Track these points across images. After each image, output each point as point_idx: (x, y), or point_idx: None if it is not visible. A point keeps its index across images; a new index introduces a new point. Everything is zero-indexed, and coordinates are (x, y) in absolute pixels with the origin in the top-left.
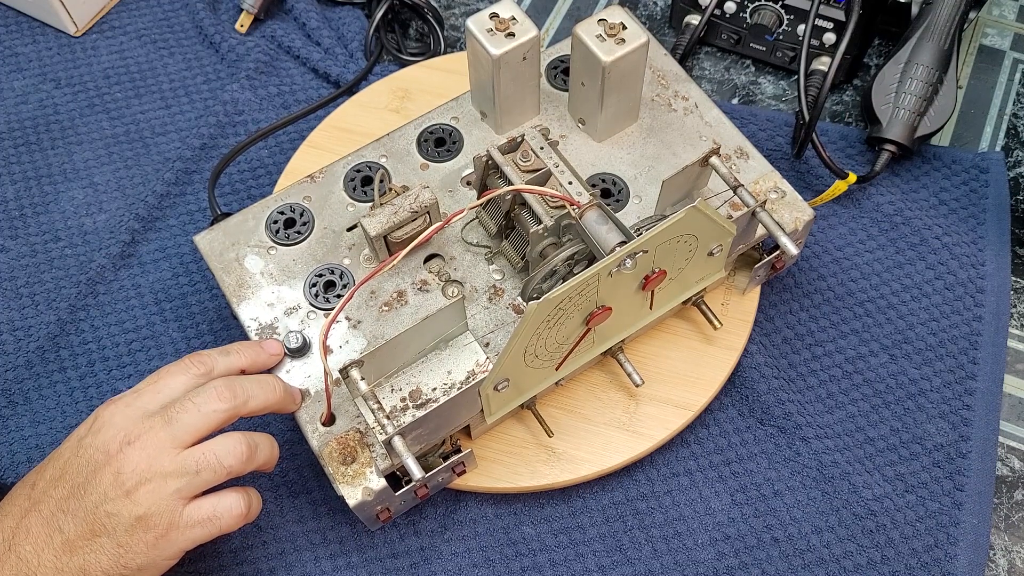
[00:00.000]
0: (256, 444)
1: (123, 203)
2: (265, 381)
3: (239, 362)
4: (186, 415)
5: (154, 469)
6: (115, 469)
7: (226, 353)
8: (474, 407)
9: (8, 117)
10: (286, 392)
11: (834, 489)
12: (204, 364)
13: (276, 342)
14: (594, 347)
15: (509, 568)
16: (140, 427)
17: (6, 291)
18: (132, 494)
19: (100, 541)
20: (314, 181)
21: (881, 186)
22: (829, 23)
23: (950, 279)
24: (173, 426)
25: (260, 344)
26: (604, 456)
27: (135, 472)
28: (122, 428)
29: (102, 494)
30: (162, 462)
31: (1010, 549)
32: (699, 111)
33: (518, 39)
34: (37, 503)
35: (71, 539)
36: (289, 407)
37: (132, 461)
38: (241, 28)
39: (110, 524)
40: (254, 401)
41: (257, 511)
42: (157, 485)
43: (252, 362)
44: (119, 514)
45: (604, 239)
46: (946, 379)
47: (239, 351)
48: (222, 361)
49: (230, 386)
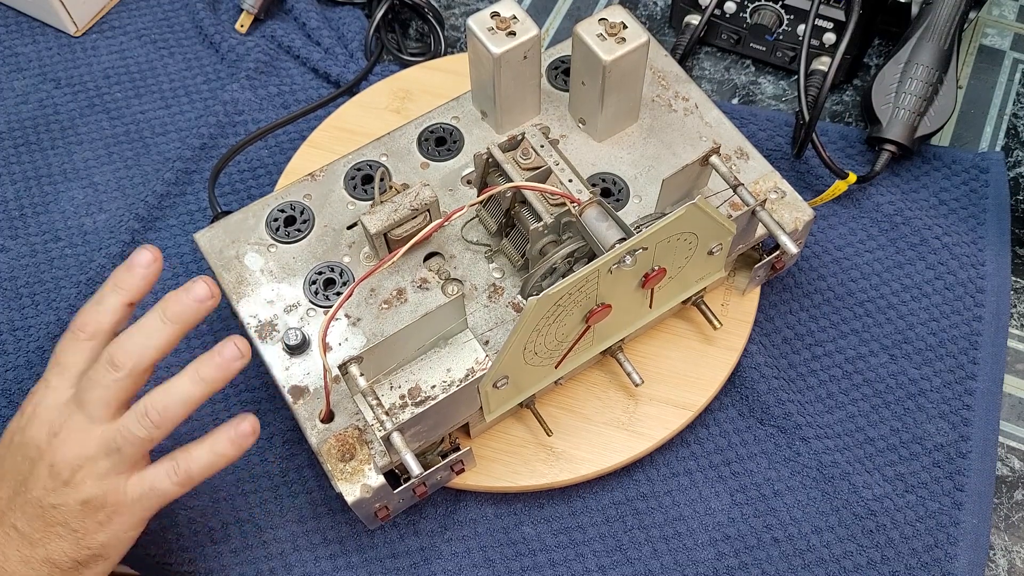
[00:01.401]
0: (163, 400)
1: (123, 203)
2: (151, 327)
3: (120, 301)
4: (91, 393)
5: (83, 455)
6: (48, 462)
7: (100, 302)
8: (473, 405)
9: (8, 117)
10: (182, 311)
11: (834, 489)
12: (87, 327)
13: (145, 249)
14: (594, 346)
15: (509, 568)
16: (60, 416)
17: (6, 291)
18: (70, 482)
19: (56, 530)
20: (314, 179)
21: (881, 186)
22: (829, 23)
23: (950, 279)
24: (86, 408)
25: (128, 265)
26: (604, 456)
27: (66, 461)
28: (46, 420)
29: (43, 488)
30: (88, 446)
31: (1010, 549)
32: (699, 111)
33: (519, 38)
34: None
35: (27, 534)
36: (195, 313)
37: (61, 451)
38: (241, 28)
39: (59, 515)
40: (148, 353)
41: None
42: (90, 469)
43: (134, 292)
44: (65, 503)
45: (604, 236)
46: (946, 379)
47: (113, 290)
48: (103, 314)
49: (119, 350)
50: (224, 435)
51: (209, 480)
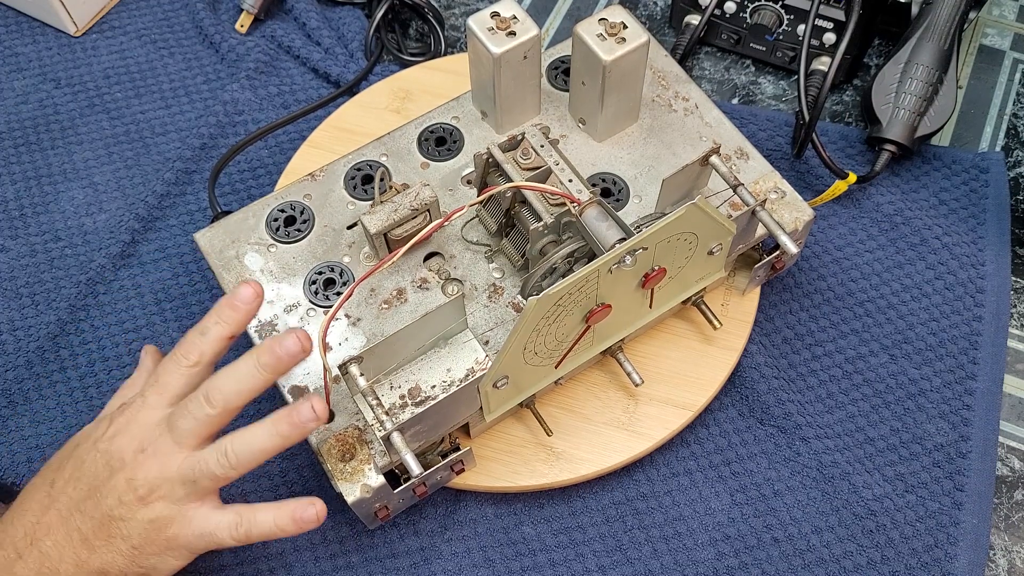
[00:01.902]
0: (241, 446)
1: (123, 203)
2: (245, 372)
3: (222, 334)
4: (183, 421)
5: (163, 476)
6: (128, 476)
7: (205, 333)
8: (473, 405)
9: (8, 117)
10: (275, 362)
11: (834, 489)
12: (191, 354)
13: (247, 286)
14: (594, 346)
15: (509, 568)
16: (150, 435)
17: (6, 291)
18: (145, 500)
19: (115, 543)
20: (314, 179)
21: (881, 186)
22: (829, 23)
23: (950, 279)
24: (175, 433)
25: (232, 301)
26: (604, 456)
27: (146, 480)
28: (136, 436)
29: (117, 499)
30: (170, 469)
31: (1010, 549)
32: (699, 111)
33: (519, 38)
34: (55, 500)
35: (88, 538)
36: (287, 364)
37: (144, 468)
38: (241, 28)
39: (124, 528)
40: (240, 397)
41: (260, 531)
42: (166, 491)
43: (235, 327)
44: (133, 518)
45: (604, 236)
46: (946, 379)
47: (216, 323)
48: (207, 344)
49: (215, 390)
50: (290, 512)
51: None
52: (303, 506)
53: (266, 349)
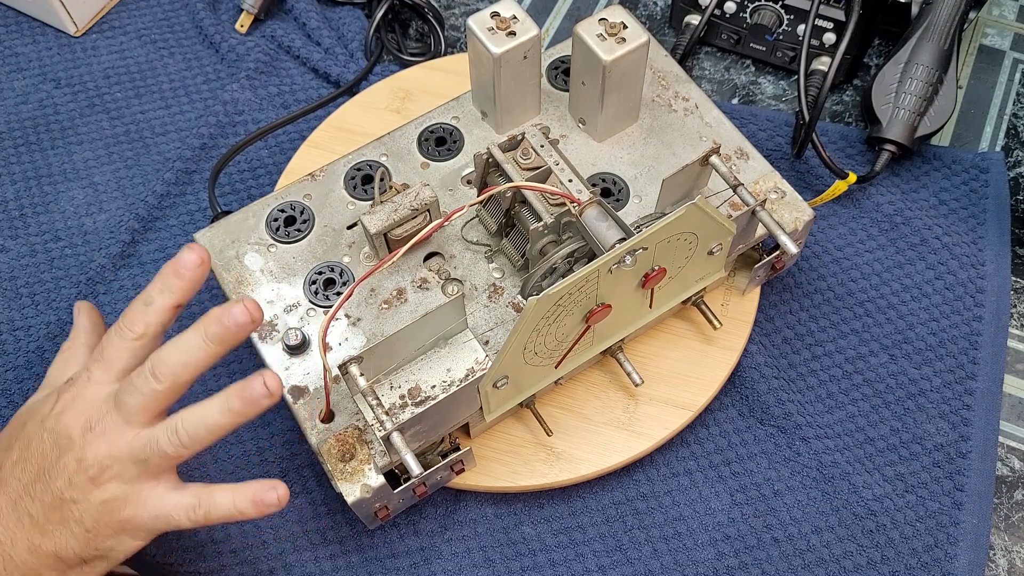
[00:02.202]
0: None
1: (123, 203)
2: (191, 344)
3: (167, 303)
4: (130, 398)
5: (113, 455)
6: (78, 456)
7: (149, 303)
8: (473, 405)
9: (8, 117)
10: (222, 332)
11: (834, 489)
12: (136, 326)
13: (190, 250)
14: (594, 346)
15: (509, 568)
16: (98, 412)
17: (6, 291)
18: (96, 480)
19: (69, 526)
20: (314, 179)
21: (881, 186)
22: (829, 23)
23: (950, 279)
24: (122, 410)
25: (177, 269)
26: (604, 456)
27: (96, 459)
28: (82, 413)
29: (67, 480)
30: (119, 447)
31: (1010, 549)
32: (699, 111)
33: (519, 38)
34: (4, 483)
35: (40, 522)
36: (235, 335)
37: (93, 447)
38: (241, 28)
39: (76, 511)
40: (188, 369)
41: (219, 513)
42: (117, 470)
43: (181, 296)
44: (85, 500)
45: (604, 236)
46: (946, 379)
47: (161, 291)
48: (152, 315)
49: (161, 363)
50: (250, 494)
51: (209, 479)
52: (264, 488)
53: (213, 319)
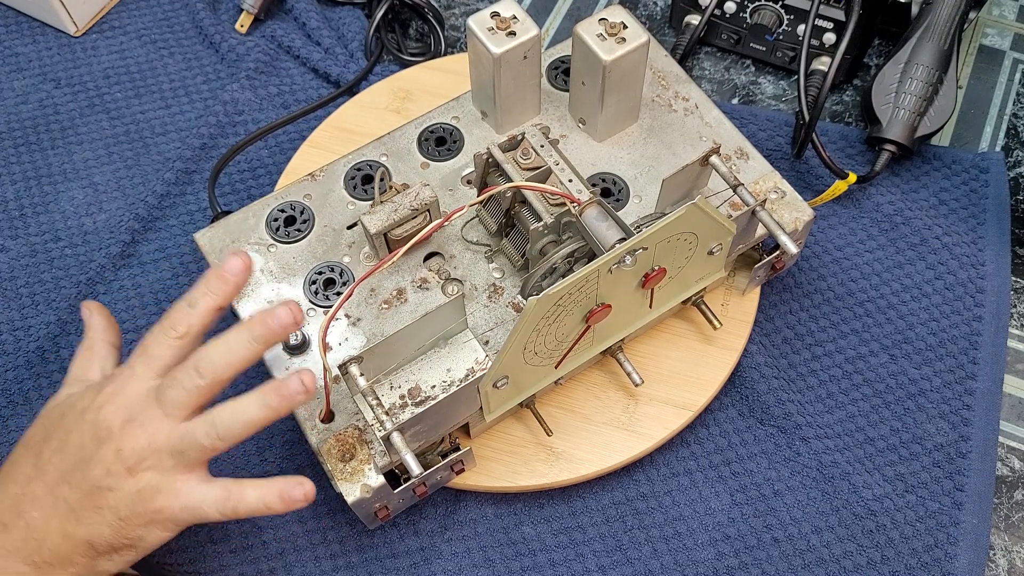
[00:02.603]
0: (229, 417)
1: (123, 203)
2: (236, 343)
3: (211, 305)
4: (172, 392)
5: (151, 446)
6: (117, 446)
7: (193, 304)
8: (473, 405)
9: (8, 117)
10: (267, 334)
11: (834, 489)
12: (179, 326)
13: (236, 256)
14: (594, 346)
15: (509, 568)
16: (139, 405)
17: (6, 291)
18: (133, 470)
19: (102, 514)
20: (314, 179)
21: (881, 186)
22: (829, 23)
23: (950, 279)
24: (164, 404)
25: (221, 272)
26: (604, 456)
27: (134, 450)
28: (124, 406)
29: (105, 469)
30: (158, 439)
31: (1010, 549)
32: (699, 111)
33: (519, 38)
34: (42, 472)
35: (75, 509)
36: (278, 336)
37: (132, 438)
38: (241, 28)
39: (112, 499)
40: (231, 368)
41: (247, 507)
42: (154, 461)
43: (224, 299)
44: (120, 488)
45: (604, 236)
46: (946, 379)
47: (205, 294)
48: (195, 316)
49: (205, 360)
50: (277, 490)
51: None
52: (291, 485)
53: (258, 321)
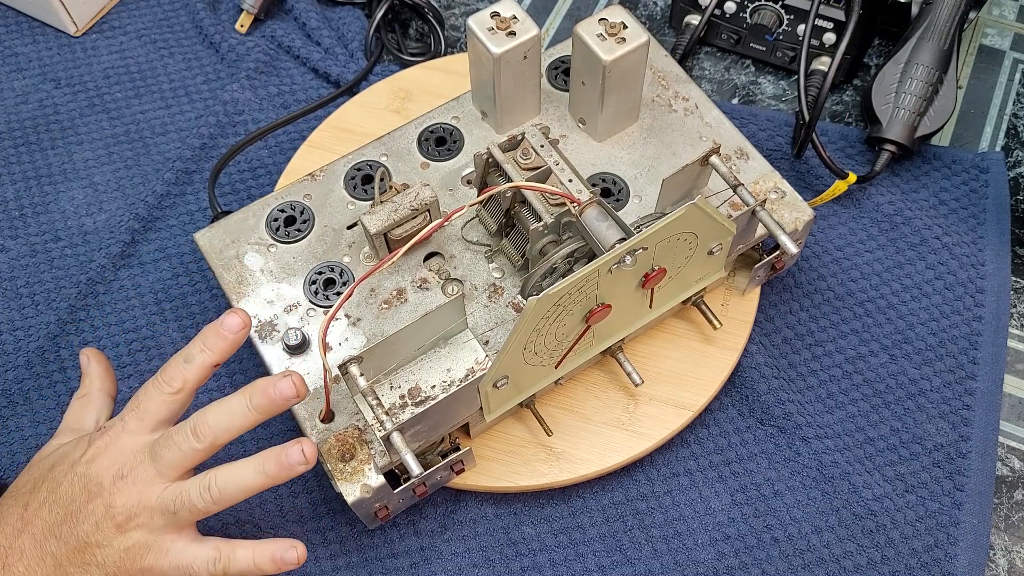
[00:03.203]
0: (226, 482)
1: (123, 203)
2: (236, 410)
3: (207, 361)
4: (168, 452)
5: (142, 504)
6: (107, 502)
7: (189, 360)
8: (473, 405)
9: (8, 117)
10: (268, 404)
11: (834, 489)
12: (175, 381)
13: (234, 315)
14: (593, 346)
15: (509, 568)
16: (131, 461)
17: (6, 291)
18: (122, 527)
19: (89, 570)
20: (314, 179)
21: (881, 186)
22: (829, 23)
23: (950, 279)
24: (158, 463)
25: (219, 329)
26: (604, 456)
27: (125, 507)
28: (115, 461)
29: (94, 524)
30: (149, 498)
31: (1010, 549)
32: (699, 111)
33: (519, 38)
34: (29, 524)
35: (62, 564)
36: (279, 407)
37: (123, 495)
38: (241, 28)
39: (100, 555)
40: (228, 433)
41: (237, 568)
42: (145, 520)
43: (220, 355)
44: (109, 545)
45: (604, 236)
46: (946, 379)
47: (202, 350)
48: (191, 372)
49: (204, 424)
50: (269, 553)
51: None
52: (284, 548)
53: (260, 390)
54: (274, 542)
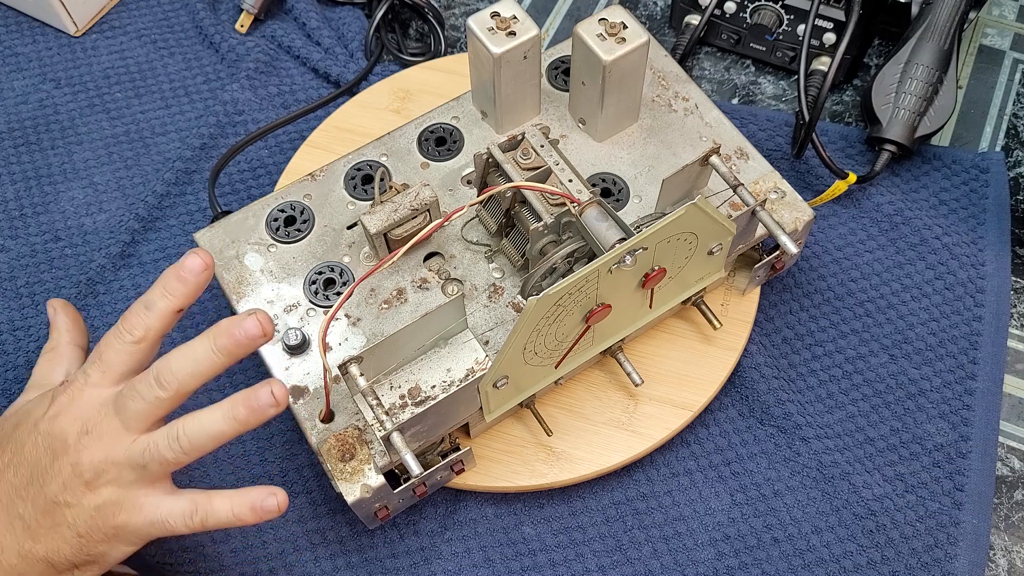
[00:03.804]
0: (195, 430)
1: (123, 203)
2: (200, 355)
3: (170, 307)
4: (132, 403)
5: (110, 459)
6: (73, 460)
7: (150, 307)
8: (473, 405)
9: (8, 117)
10: (233, 345)
11: (834, 489)
12: (136, 330)
13: (195, 255)
14: (593, 346)
15: (509, 568)
16: (95, 416)
17: (6, 291)
18: (91, 485)
19: (61, 530)
20: (314, 179)
21: (881, 186)
22: (829, 23)
23: (950, 279)
24: (123, 415)
25: (179, 272)
26: (603, 456)
27: (92, 463)
28: (79, 417)
29: (61, 484)
30: (116, 452)
31: (1010, 549)
32: (699, 112)
33: (519, 38)
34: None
35: (32, 526)
36: (245, 348)
37: (90, 452)
38: (241, 28)
39: (70, 515)
40: (195, 379)
41: (216, 520)
42: (113, 475)
43: (183, 300)
44: (79, 504)
45: (604, 236)
46: (946, 379)
47: (163, 296)
48: (153, 319)
49: (167, 371)
50: (248, 501)
51: (209, 479)
52: (263, 495)
53: (224, 331)
54: (253, 490)
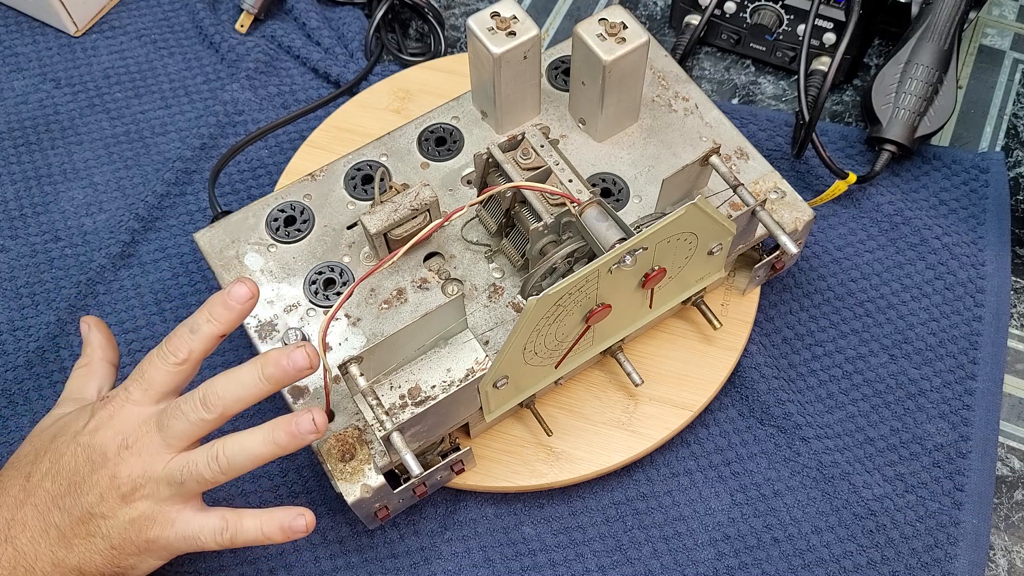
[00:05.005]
0: (235, 451)
1: (123, 203)
2: (247, 381)
3: (213, 332)
4: (176, 422)
5: (148, 475)
6: (111, 472)
7: (195, 330)
8: (473, 405)
9: (8, 117)
10: (280, 375)
11: (834, 489)
12: (180, 351)
13: (242, 284)
14: (593, 346)
15: (509, 568)
16: (137, 431)
17: (6, 291)
18: (128, 498)
19: (94, 541)
20: (314, 179)
21: (881, 186)
22: (829, 23)
23: (950, 279)
24: (165, 433)
25: (226, 299)
26: (603, 456)
27: (130, 478)
28: (120, 431)
29: (98, 495)
30: (155, 468)
31: (1010, 549)
32: (699, 112)
33: (519, 38)
34: (31, 495)
35: (66, 535)
36: (292, 379)
37: (128, 466)
38: (241, 28)
39: (104, 526)
40: (239, 404)
41: (245, 538)
42: (150, 490)
43: (227, 326)
44: (114, 516)
45: (604, 236)
46: (946, 379)
47: (208, 320)
48: (196, 342)
49: (214, 395)
50: (278, 521)
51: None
52: (292, 516)
53: (272, 361)
54: (282, 510)
